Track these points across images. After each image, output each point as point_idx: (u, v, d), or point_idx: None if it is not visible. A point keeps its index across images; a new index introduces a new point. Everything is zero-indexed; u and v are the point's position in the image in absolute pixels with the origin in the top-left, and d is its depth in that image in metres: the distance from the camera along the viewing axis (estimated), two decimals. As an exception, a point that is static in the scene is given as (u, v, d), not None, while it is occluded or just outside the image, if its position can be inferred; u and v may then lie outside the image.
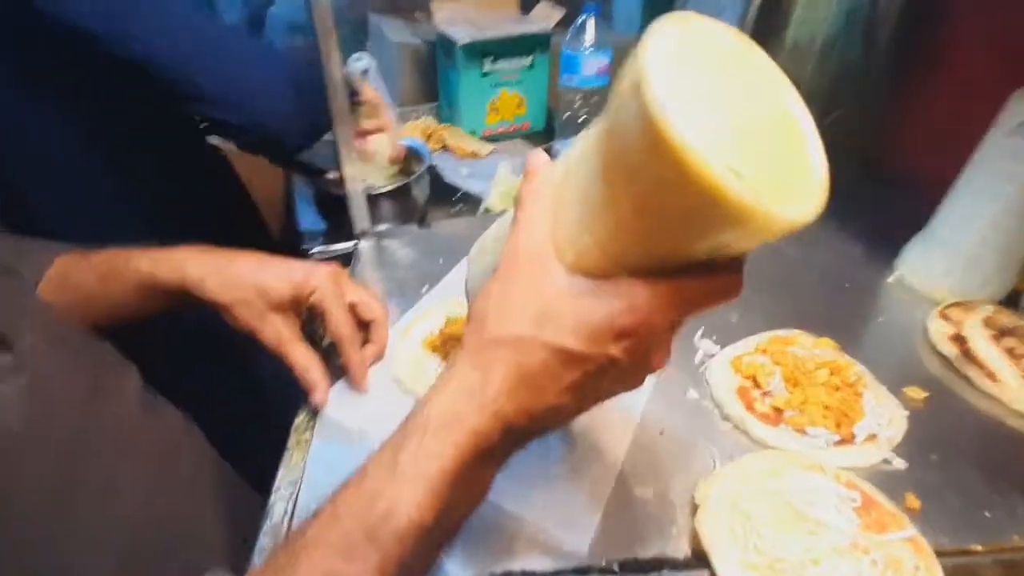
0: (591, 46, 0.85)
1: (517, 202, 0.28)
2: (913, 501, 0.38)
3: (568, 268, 0.25)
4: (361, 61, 1.05)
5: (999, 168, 0.49)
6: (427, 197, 0.91)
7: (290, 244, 0.90)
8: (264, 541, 0.36)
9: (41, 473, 0.29)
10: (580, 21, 0.85)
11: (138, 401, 0.39)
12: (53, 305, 0.40)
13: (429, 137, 1.12)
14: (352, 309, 0.46)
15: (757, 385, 0.45)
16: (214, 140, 0.89)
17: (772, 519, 0.35)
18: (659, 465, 0.41)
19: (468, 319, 0.28)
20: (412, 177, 0.85)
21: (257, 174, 1.03)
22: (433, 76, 1.21)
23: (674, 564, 0.34)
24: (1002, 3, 0.58)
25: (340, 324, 0.44)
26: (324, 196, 0.88)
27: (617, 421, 0.44)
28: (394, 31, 1.20)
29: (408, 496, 0.24)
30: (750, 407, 0.44)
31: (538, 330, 0.25)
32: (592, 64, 0.86)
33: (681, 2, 1.21)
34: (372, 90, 0.81)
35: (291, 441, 0.43)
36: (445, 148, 1.10)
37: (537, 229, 0.26)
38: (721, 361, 0.48)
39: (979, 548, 0.36)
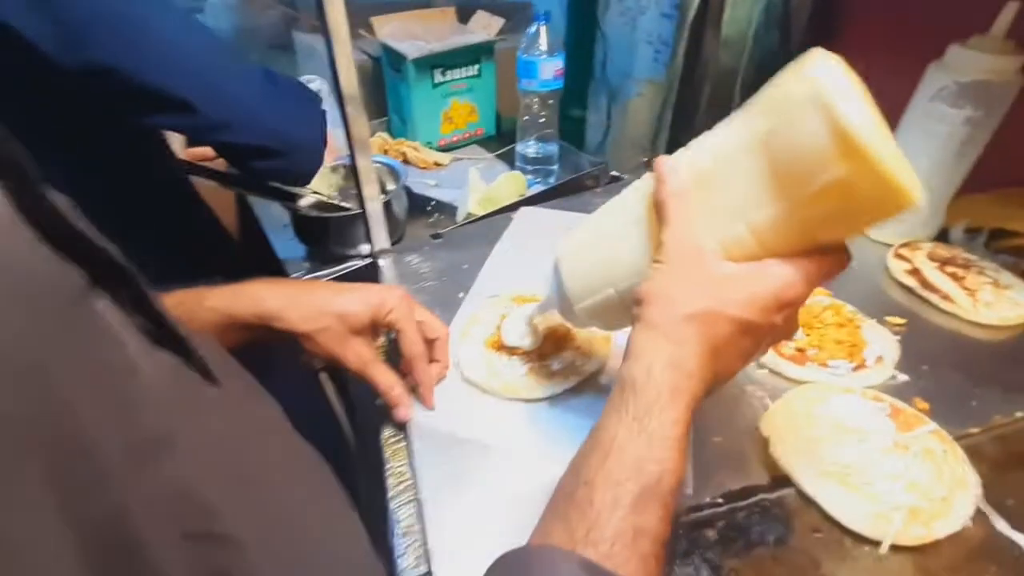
0: (546, 52, 0.90)
1: (661, 204, 0.32)
2: (921, 404, 0.47)
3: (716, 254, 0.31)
4: (314, 83, 1.04)
5: (924, 129, 0.60)
6: (406, 211, 0.92)
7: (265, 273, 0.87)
8: (401, 544, 0.38)
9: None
10: (533, 29, 0.90)
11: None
12: None
13: (385, 152, 1.12)
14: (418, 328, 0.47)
15: (779, 333, 0.52)
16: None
17: (829, 436, 0.42)
18: (721, 414, 0.47)
19: (643, 302, 0.32)
20: (390, 195, 0.86)
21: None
22: (378, 91, 1.21)
23: (763, 488, 0.40)
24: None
25: (414, 343, 0.46)
26: (300, 220, 0.86)
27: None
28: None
29: (671, 457, 0.28)
30: (779, 352, 0.51)
31: (722, 306, 0.30)
32: (548, 68, 0.92)
33: (603, 5, 1.32)
34: None
35: (386, 453, 0.44)
36: (407, 161, 1.11)
37: (692, 223, 0.31)
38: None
39: (976, 430, 0.45)
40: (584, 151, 1.46)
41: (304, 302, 0.42)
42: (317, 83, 1.03)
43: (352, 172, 0.60)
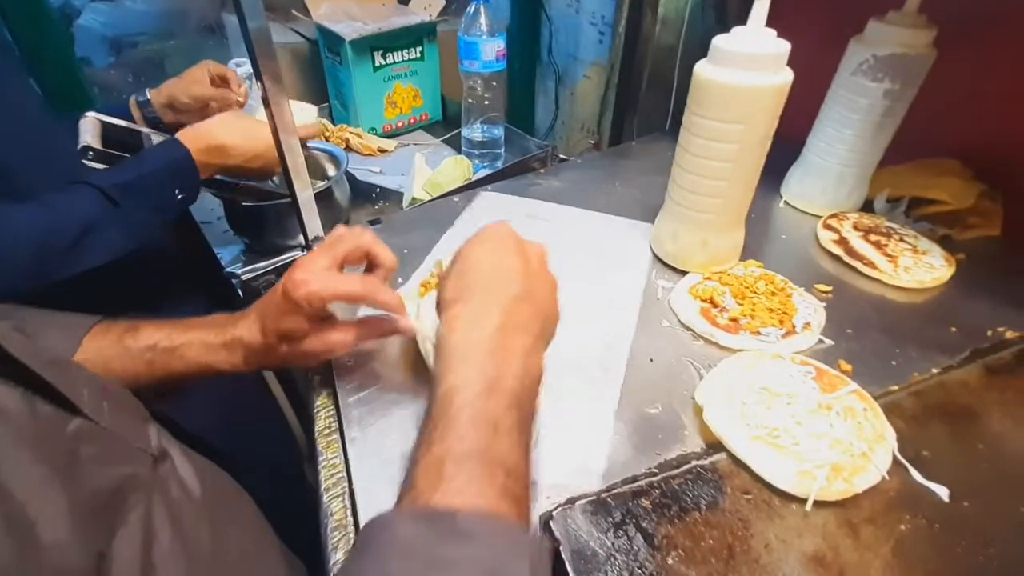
0: (487, 32, 0.88)
1: None
2: (845, 366, 0.48)
3: None
4: (243, 67, 0.99)
5: (848, 101, 0.62)
6: (349, 198, 0.89)
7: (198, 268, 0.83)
8: (333, 537, 0.37)
9: (124, 538, 0.26)
10: (472, 9, 0.88)
11: (175, 443, 0.35)
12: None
13: (327, 139, 1.08)
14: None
15: (714, 304, 0.54)
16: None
17: (759, 401, 0.43)
18: (657, 386, 0.48)
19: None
20: (331, 181, 0.83)
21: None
22: (317, 75, 1.17)
23: (697, 456, 0.41)
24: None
25: (390, 257, 0.45)
26: (234, 211, 0.82)
27: (612, 360, 0.50)
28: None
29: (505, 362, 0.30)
30: (713, 323, 0.52)
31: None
32: (490, 49, 0.90)
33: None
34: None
35: (320, 446, 0.43)
36: (349, 148, 1.07)
37: None
38: (680, 292, 0.56)
39: (895, 388, 0.47)
40: (534, 135, 1.46)
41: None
42: (247, 67, 0.98)
43: (281, 159, 0.57)
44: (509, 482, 0.26)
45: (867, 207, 0.69)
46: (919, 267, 0.58)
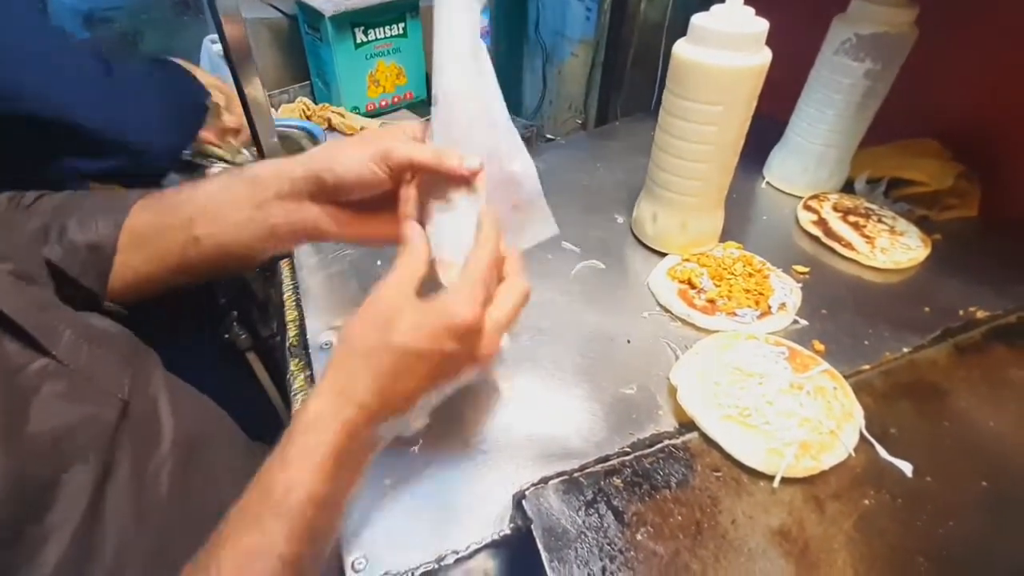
0: (469, 8, 0.86)
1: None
2: (819, 346, 0.49)
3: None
4: (217, 44, 0.96)
5: (830, 81, 0.62)
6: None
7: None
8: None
9: (80, 472, 0.28)
10: (454, -17, 0.86)
11: (164, 387, 0.38)
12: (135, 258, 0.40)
13: (308, 118, 1.06)
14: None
15: (692, 286, 0.54)
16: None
17: (731, 381, 0.44)
18: (634, 367, 0.48)
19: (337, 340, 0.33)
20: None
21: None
22: (298, 53, 1.14)
23: (669, 435, 0.42)
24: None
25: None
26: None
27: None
28: (245, 5, 1.10)
29: (303, 477, 0.28)
30: (691, 304, 0.52)
31: (386, 338, 0.31)
32: (473, 26, 0.88)
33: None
34: (218, 80, 0.77)
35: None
36: (331, 128, 1.06)
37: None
38: (659, 274, 0.56)
39: (866, 367, 0.48)
40: (521, 115, 1.44)
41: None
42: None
43: (254, 138, 0.56)
44: None
45: (848, 188, 0.69)
46: (896, 248, 0.59)
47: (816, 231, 0.62)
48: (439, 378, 0.33)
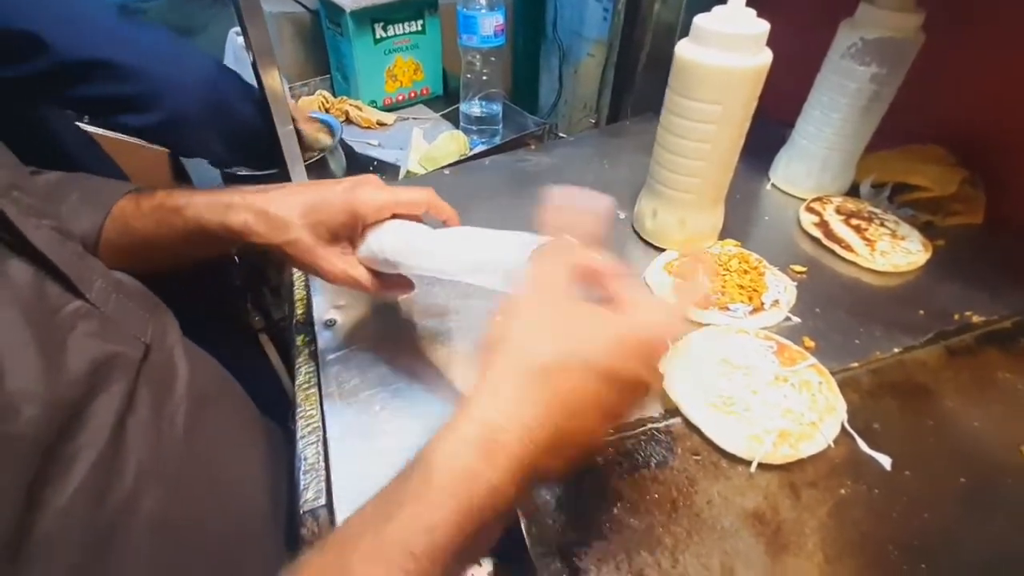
0: (485, 5, 0.88)
1: None
2: (809, 342, 0.50)
3: None
4: (241, 36, 1.00)
5: (836, 85, 0.63)
6: (344, 170, 0.91)
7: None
8: (305, 479, 0.40)
9: (105, 400, 0.31)
10: (471, -19, 0.88)
11: (180, 342, 0.41)
12: (116, 247, 0.43)
13: (327, 111, 1.09)
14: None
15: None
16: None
17: (718, 372, 0.45)
18: (625, 354, 0.49)
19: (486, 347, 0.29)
20: (326, 151, 0.84)
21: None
22: (319, 47, 1.17)
23: (654, 420, 0.43)
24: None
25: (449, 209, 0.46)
26: (232, 181, 0.84)
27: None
28: (269, 0, 1.14)
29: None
30: (685, 298, 0.53)
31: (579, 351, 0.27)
32: (489, 23, 0.90)
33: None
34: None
35: (299, 398, 0.46)
36: (348, 120, 1.09)
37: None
38: (656, 267, 0.57)
39: (855, 365, 0.49)
40: (537, 114, 1.46)
41: (270, 214, 0.41)
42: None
43: (271, 130, 0.59)
44: None
45: (853, 192, 0.69)
46: (896, 251, 0.59)
47: (817, 233, 0.63)
48: (614, 414, 0.28)
